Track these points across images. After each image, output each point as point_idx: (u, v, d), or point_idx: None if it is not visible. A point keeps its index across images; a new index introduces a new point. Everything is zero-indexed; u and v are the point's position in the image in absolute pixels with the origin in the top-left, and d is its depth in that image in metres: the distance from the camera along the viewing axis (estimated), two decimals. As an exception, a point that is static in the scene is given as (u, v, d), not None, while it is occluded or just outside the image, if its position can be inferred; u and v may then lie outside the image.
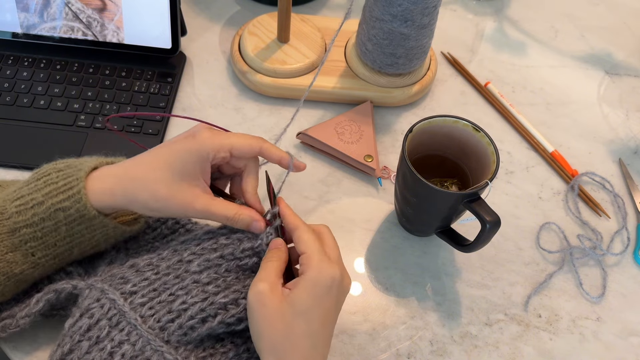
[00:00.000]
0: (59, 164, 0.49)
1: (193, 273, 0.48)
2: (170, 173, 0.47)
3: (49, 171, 0.48)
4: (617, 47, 0.86)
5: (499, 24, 0.88)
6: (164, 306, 0.46)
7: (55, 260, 0.49)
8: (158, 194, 0.47)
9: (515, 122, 0.75)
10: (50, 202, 0.46)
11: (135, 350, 0.44)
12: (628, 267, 0.64)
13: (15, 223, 0.46)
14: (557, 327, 0.59)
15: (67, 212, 0.46)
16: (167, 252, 0.50)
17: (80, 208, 0.46)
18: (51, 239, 0.47)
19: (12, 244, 0.47)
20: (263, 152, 0.50)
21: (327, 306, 0.45)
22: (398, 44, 0.67)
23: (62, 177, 0.47)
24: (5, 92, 0.70)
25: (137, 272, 0.48)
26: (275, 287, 0.44)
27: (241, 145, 0.49)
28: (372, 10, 0.66)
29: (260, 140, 0.50)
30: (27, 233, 0.46)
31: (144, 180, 0.47)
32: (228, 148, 0.48)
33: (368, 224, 0.65)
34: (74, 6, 0.71)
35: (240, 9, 0.85)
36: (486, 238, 0.53)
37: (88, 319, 0.45)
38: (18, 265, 0.47)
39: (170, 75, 0.74)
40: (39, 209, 0.46)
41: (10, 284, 0.48)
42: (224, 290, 0.47)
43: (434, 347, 0.57)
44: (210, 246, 0.49)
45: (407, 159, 0.54)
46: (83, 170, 0.47)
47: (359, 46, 0.72)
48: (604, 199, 0.69)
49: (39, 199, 0.46)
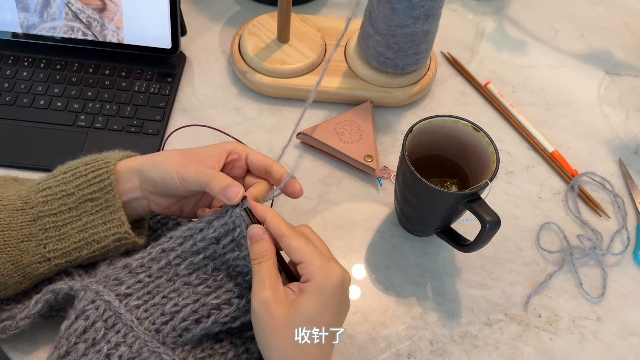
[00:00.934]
0: (84, 158, 0.52)
1: (182, 276, 0.48)
2: (189, 151, 0.51)
3: (76, 165, 0.51)
4: (617, 47, 0.86)
5: (499, 24, 0.88)
6: (157, 309, 0.46)
7: (62, 259, 0.49)
8: (169, 154, 0.51)
9: (515, 122, 0.75)
10: (80, 193, 0.49)
11: (132, 352, 0.44)
12: (628, 267, 0.64)
13: (40, 212, 0.49)
14: (557, 327, 0.59)
15: (96, 202, 0.50)
16: (155, 252, 0.49)
17: (110, 198, 0.50)
18: (69, 231, 0.49)
19: (30, 233, 0.49)
20: (272, 167, 0.52)
21: (334, 309, 0.45)
22: (421, 41, 0.67)
23: (90, 169, 0.50)
24: (5, 92, 0.70)
25: (130, 274, 0.48)
26: (278, 294, 0.44)
27: (256, 154, 0.53)
28: (390, 19, 0.65)
29: (273, 160, 0.53)
30: (49, 222, 0.49)
31: (164, 153, 0.52)
32: (245, 151, 0.53)
33: (368, 224, 0.65)
34: (74, 6, 0.71)
35: (240, 9, 0.85)
36: (486, 238, 0.53)
37: (84, 321, 0.45)
38: (28, 256, 0.48)
39: (170, 75, 0.74)
40: (68, 199, 0.49)
41: (16, 276, 0.48)
42: (216, 290, 0.48)
43: (434, 347, 0.57)
44: (190, 248, 0.49)
45: (407, 159, 0.54)
46: (111, 162, 0.51)
47: (374, 58, 0.70)
48: (604, 199, 0.69)
49: (69, 190, 0.50)
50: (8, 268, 0.48)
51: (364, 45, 0.71)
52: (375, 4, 0.65)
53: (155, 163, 0.50)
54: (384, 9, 0.64)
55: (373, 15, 0.67)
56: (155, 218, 0.57)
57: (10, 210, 0.49)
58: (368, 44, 0.70)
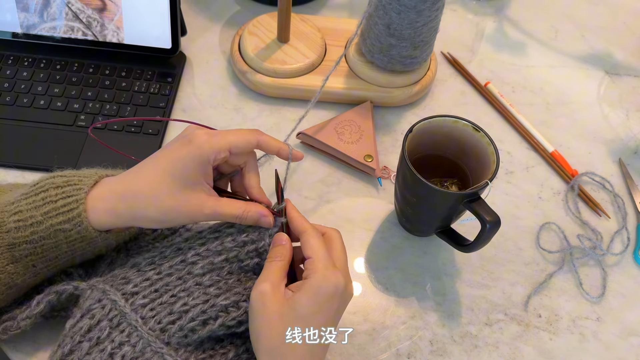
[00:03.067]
0: (57, 179, 0.47)
1: (196, 275, 0.48)
2: (174, 183, 0.46)
3: (46, 186, 0.47)
4: (617, 47, 0.86)
5: (499, 24, 0.88)
6: (165, 307, 0.46)
7: (57, 269, 0.49)
8: (164, 206, 0.46)
9: (515, 122, 0.75)
10: (49, 223, 0.45)
11: (136, 352, 0.44)
12: (628, 267, 0.64)
13: (14, 238, 0.46)
14: (557, 327, 0.59)
15: (68, 233, 0.46)
16: (169, 251, 0.50)
17: (82, 231, 0.46)
18: (52, 254, 0.47)
19: (13, 257, 0.46)
20: (261, 145, 0.49)
21: (328, 314, 0.44)
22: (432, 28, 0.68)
23: (60, 196, 0.46)
24: (5, 92, 0.70)
25: (138, 272, 0.48)
26: (277, 289, 0.44)
27: (239, 142, 0.48)
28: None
29: (257, 133, 0.49)
30: (27, 248, 0.46)
31: (147, 194, 0.46)
32: (227, 147, 0.47)
33: (368, 224, 0.65)
34: (74, 6, 0.71)
35: (240, 9, 0.85)
36: (486, 238, 0.53)
37: (89, 320, 0.45)
38: (20, 276, 0.47)
39: (170, 75, 0.74)
40: (38, 227, 0.45)
41: (11, 292, 0.48)
42: (225, 292, 0.47)
43: (434, 347, 0.57)
44: (215, 248, 0.49)
45: (407, 159, 0.54)
46: (83, 190, 0.46)
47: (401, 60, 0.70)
48: (604, 199, 0.69)
49: (37, 218, 0.45)
50: (3, 291, 0.47)
51: (367, 44, 0.71)
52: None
53: (159, 221, 0.47)
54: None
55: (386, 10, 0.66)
56: None
57: None
58: (374, 43, 0.70)
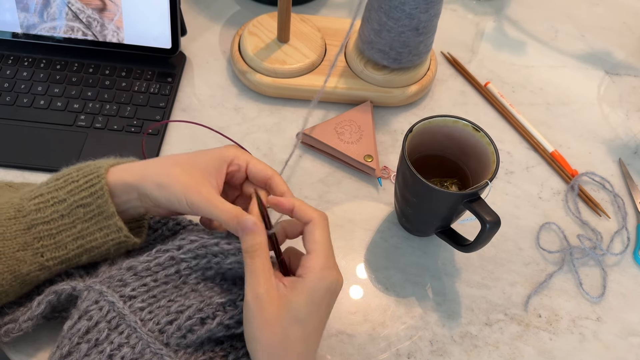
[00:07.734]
0: (79, 165, 0.51)
1: (191, 284, 0.49)
2: (188, 163, 0.50)
3: (68, 171, 0.50)
4: (617, 47, 0.86)
5: (499, 24, 0.88)
6: (162, 309, 0.47)
7: (62, 265, 0.49)
8: (172, 171, 0.49)
9: (515, 122, 0.75)
10: (72, 199, 0.48)
11: (135, 353, 0.44)
12: (628, 267, 0.64)
13: (32, 220, 0.48)
14: (557, 327, 0.59)
15: (88, 208, 0.48)
16: (164, 259, 0.49)
17: (102, 204, 0.48)
18: (64, 239, 0.48)
19: (25, 242, 0.48)
20: (272, 180, 0.52)
21: (322, 311, 0.46)
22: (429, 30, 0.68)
23: (82, 175, 0.49)
24: (5, 92, 0.70)
25: (135, 276, 0.48)
26: (272, 290, 0.44)
27: (257, 164, 0.52)
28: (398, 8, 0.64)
29: (274, 171, 0.52)
30: (42, 230, 0.48)
31: (161, 165, 0.50)
32: (246, 160, 0.52)
33: (368, 224, 0.65)
34: (74, 6, 0.71)
35: (240, 9, 0.85)
36: (486, 238, 0.53)
37: (87, 321, 0.45)
38: (26, 265, 0.48)
39: (170, 75, 0.74)
40: (60, 206, 0.48)
41: (15, 284, 0.48)
42: (221, 293, 0.48)
43: (434, 347, 0.57)
44: (204, 265, 0.49)
45: (407, 159, 0.54)
46: (103, 167, 0.49)
47: (381, 55, 0.70)
48: (604, 199, 0.69)
49: (60, 197, 0.48)
50: (7, 278, 0.47)
51: (366, 43, 0.71)
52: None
53: (158, 184, 0.48)
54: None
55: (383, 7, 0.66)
56: (155, 218, 0.57)
57: (3, 219, 0.48)
58: (374, 40, 0.70)
